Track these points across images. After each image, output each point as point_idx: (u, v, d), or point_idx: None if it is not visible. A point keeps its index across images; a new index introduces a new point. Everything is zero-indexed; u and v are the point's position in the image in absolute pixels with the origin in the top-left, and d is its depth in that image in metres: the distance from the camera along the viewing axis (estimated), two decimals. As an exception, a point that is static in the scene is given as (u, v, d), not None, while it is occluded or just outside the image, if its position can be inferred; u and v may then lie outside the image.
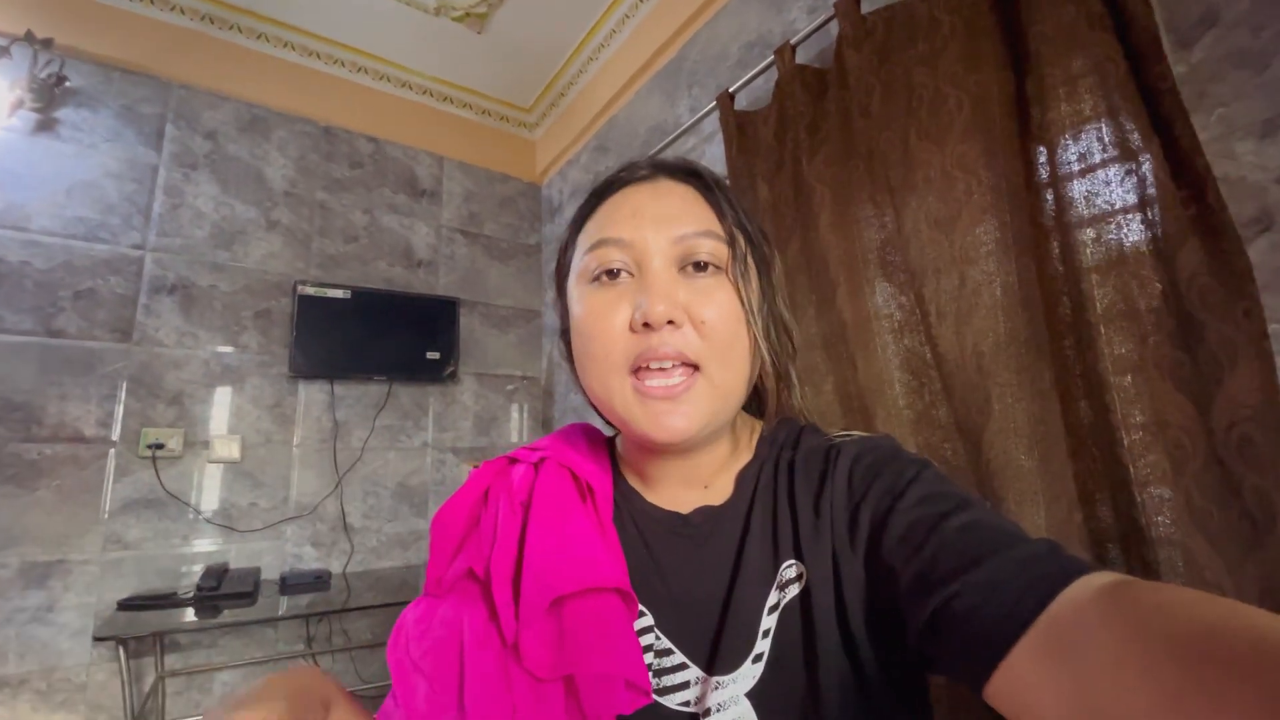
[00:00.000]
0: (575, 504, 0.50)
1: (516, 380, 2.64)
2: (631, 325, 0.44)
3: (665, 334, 0.43)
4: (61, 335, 1.77)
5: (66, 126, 1.85)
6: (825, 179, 1.15)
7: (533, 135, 2.85)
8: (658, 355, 0.43)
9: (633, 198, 0.49)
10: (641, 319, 0.43)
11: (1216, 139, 0.80)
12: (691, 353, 0.44)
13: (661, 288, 0.44)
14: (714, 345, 0.44)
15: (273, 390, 2.08)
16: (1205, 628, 0.24)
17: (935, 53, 0.99)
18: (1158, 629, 0.25)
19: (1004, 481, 0.81)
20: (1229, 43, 0.80)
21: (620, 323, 0.45)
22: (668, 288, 0.44)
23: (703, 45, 1.84)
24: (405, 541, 2.27)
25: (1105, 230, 0.81)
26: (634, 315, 0.44)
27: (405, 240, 2.43)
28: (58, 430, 1.73)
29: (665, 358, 0.43)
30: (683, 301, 0.44)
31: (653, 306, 0.43)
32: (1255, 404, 0.68)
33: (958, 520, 0.37)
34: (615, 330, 0.45)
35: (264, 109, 2.19)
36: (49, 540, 1.69)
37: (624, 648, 0.44)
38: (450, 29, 2.21)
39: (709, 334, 0.44)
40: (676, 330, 0.44)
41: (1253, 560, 0.68)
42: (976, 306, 0.89)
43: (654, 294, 0.44)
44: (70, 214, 1.82)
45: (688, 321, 0.44)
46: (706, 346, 0.44)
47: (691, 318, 0.44)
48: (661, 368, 0.44)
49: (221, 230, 2.05)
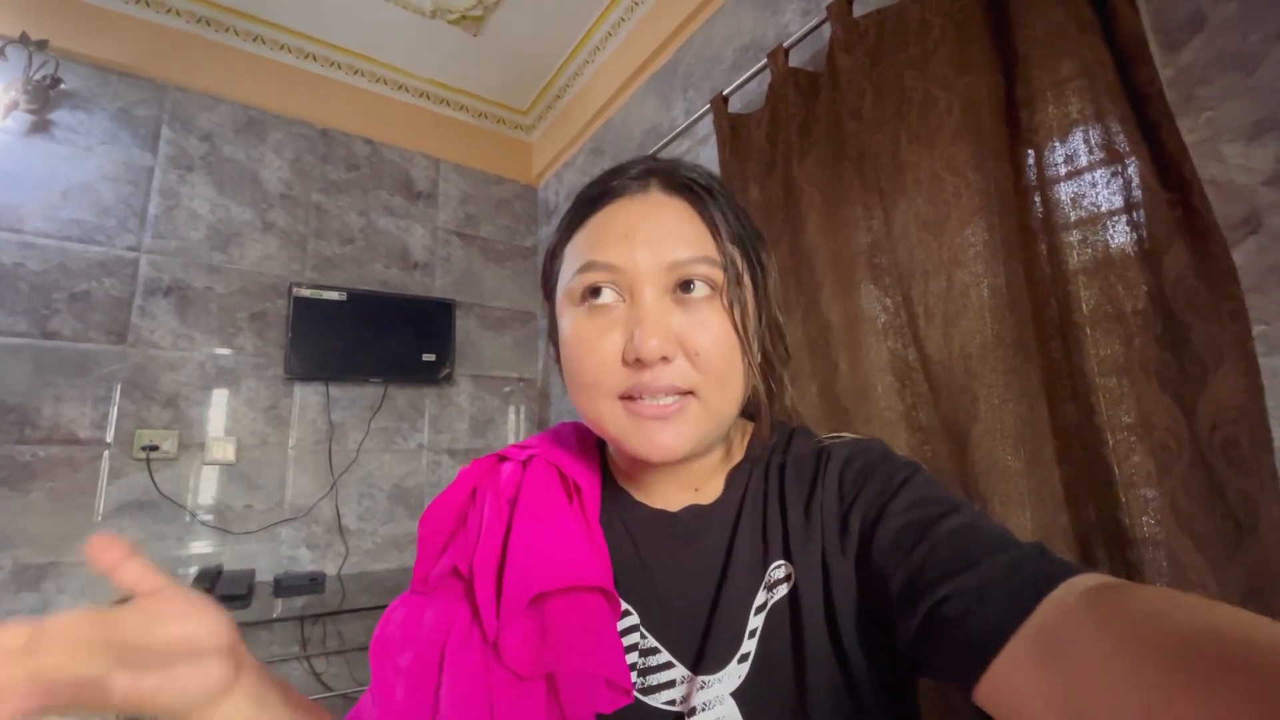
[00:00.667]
0: (561, 502, 0.50)
1: (513, 382, 2.64)
2: (624, 358, 0.44)
3: (658, 370, 0.43)
4: (56, 337, 1.77)
5: (61, 129, 1.85)
6: (815, 181, 1.15)
7: (529, 138, 2.85)
8: (651, 390, 0.43)
9: (624, 215, 0.46)
10: (634, 355, 0.42)
11: (1204, 141, 0.80)
12: (685, 384, 0.43)
13: (654, 321, 0.43)
14: (708, 374, 0.44)
15: (268, 392, 2.08)
16: (1194, 630, 0.24)
17: (926, 55, 1.00)
18: (1146, 631, 0.25)
19: (990, 483, 0.81)
20: (1217, 46, 0.80)
21: (611, 352, 0.44)
22: (660, 320, 0.43)
23: (698, 48, 1.85)
24: (401, 544, 2.27)
25: (1092, 233, 0.81)
26: (626, 348, 0.43)
27: (401, 242, 2.43)
28: (52, 432, 1.73)
29: (659, 392, 0.43)
30: (676, 330, 0.43)
31: (645, 342, 0.42)
32: (1239, 405, 0.68)
33: (948, 524, 0.38)
34: (606, 360, 0.44)
35: (260, 111, 2.19)
36: (43, 542, 1.69)
37: (605, 646, 0.44)
38: (446, 31, 2.22)
39: (703, 365, 0.43)
40: (669, 365, 0.43)
41: (1236, 561, 0.68)
42: (965, 308, 0.89)
43: (647, 329, 0.42)
44: (65, 216, 1.82)
45: (681, 354, 0.43)
46: (700, 376, 0.44)
47: (685, 349, 0.43)
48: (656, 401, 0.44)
49: (217, 232, 2.05)
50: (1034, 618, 0.30)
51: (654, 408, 0.43)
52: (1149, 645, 0.24)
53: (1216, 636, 0.23)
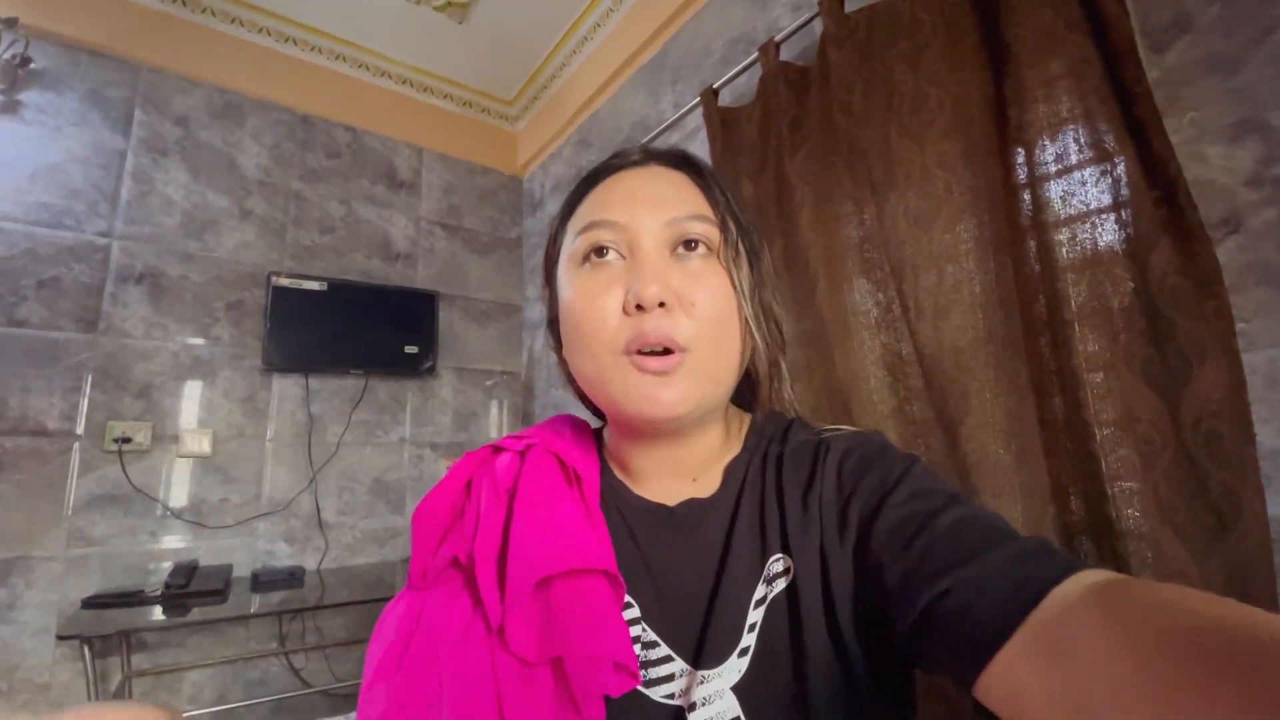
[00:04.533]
0: (562, 489, 0.50)
1: (496, 375, 2.62)
2: (624, 308, 0.44)
3: (656, 317, 0.43)
4: (24, 325, 1.71)
5: (30, 109, 1.79)
6: (806, 176, 1.16)
7: (514, 128, 2.82)
8: (648, 341, 0.43)
9: (626, 181, 0.49)
10: (634, 300, 0.43)
11: (1188, 142, 0.82)
12: (681, 337, 0.43)
13: (653, 270, 0.44)
14: (704, 328, 0.44)
15: (245, 383, 2.03)
16: (1198, 626, 0.24)
17: (917, 52, 1.00)
18: (1151, 627, 0.25)
19: (981, 476, 0.82)
20: (1201, 47, 0.82)
21: (613, 306, 0.45)
22: (660, 270, 0.44)
23: (687, 40, 1.84)
24: (381, 538, 2.24)
25: (1080, 230, 0.83)
26: (626, 297, 0.44)
27: (383, 232, 2.39)
28: (19, 423, 1.68)
29: (655, 343, 0.43)
30: (674, 285, 0.44)
31: (644, 288, 0.43)
32: (1222, 401, 0.70)
33: (948, 517, 0.38)
34: (607, 312, 0.45)
35: (238, 95, 2.13)
36: (10, 536, 1.63)
37: (611, 629, 0.43)
38: (431, 18, 2.18)
39: (700, 316, 0.44)
40: (668, 314, 0.43)
41: (1217, 552, 0.70)
42: (956, 303, 0.90)
43: (646, 276, 0.43)
44: (33, 199, 1.76)
45: (678, 304, 0.44)
46: (697, 330, 0.44)
47: (682, 301, 0.44)
48: (653, 352, 0.44)
49: (192, 219, 2.00)
50: (1037, 612, 0.29)
51: (654, 360, 0.43)
52: (1153, 641, 0.24)
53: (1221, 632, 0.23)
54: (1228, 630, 0.23)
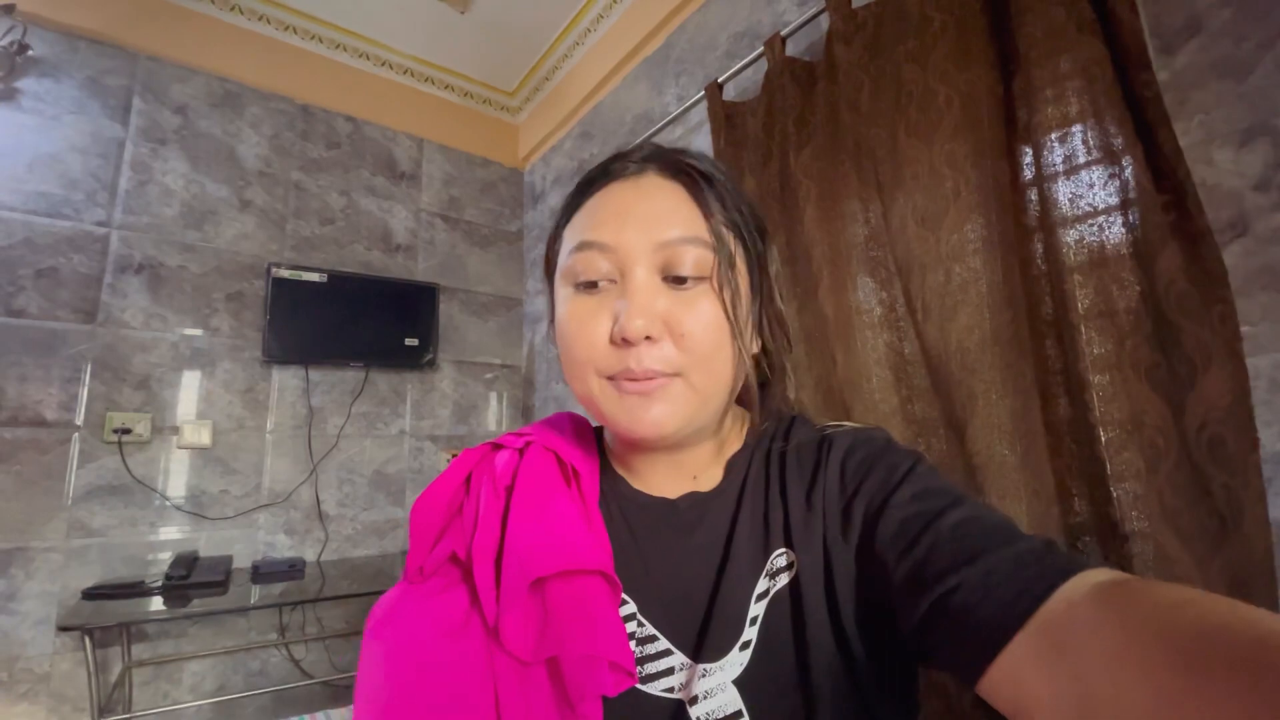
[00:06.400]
0: (559, 487, 0.50)
1: (496, 368, 2.61)
2: (611, 338, 0.44)
3: (642, 351, 0.43)
4: (22, 315, 1.70)
5: (28, 97, 1.77)
6: (812, 173, 1.15)
7: (516, 120, 2.80)
8: (634, 375, 0.43)
9: (618, 196, 0.47)
10: (620, 335, 0.43)
11: (1196, 145, 0.82)
12: (669, 368, 0.43)
13: (641, 302, 0.43)
14: (694, 357, 0.44)
15: (245, 375, 2.03)
16: (1205, 627, 0.24)
17: (925, 49, 1.00)
18: (1157, 627, 0.25)
19: (987, 476, 0.83)
20: (1212, 51, 0.82)
21: (601, 333, 0.44)
22: (647, 299, 0.43)
23: (691, 34, 1.83)
24: (381, 530, 2.24)
25: (1088, 232, 0.82)
26: (614, 329, 0.44)
27: (383, 224, 2.38)
28: (18, 413, 1.67)
29: (641, 376, 0.43)
30: (663, 311, 0.43)
31: (630, 321, 0.42)
32: (1226, 406, 0.70)
33: (953, 516, 0.38)
34: (597, 337, 0.44)
35: (237, 84, 2.11)
36: (9, 527, 1.63)
37: (607, 629, 0.43)
38: (433, 7, 2.16)
39: (689, 346, 0.43)
40: (654, 346, 0.43)
41: (1220, 556, 0.70)
42: (962, 303, 0.90)
43: (633, 309, 0.43)
44: (31, 188, 1.74)
45: (666, 335, 0.43)
46: (685, 358, 0.44)
47: (671, 330, 0.43)
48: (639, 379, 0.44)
49: (192, 209, 1.98)
50: (1043, 611, 0.30)
51: (637, 384, 0.43)
52: (1159, 641, 0.24)
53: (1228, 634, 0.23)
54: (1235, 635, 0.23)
